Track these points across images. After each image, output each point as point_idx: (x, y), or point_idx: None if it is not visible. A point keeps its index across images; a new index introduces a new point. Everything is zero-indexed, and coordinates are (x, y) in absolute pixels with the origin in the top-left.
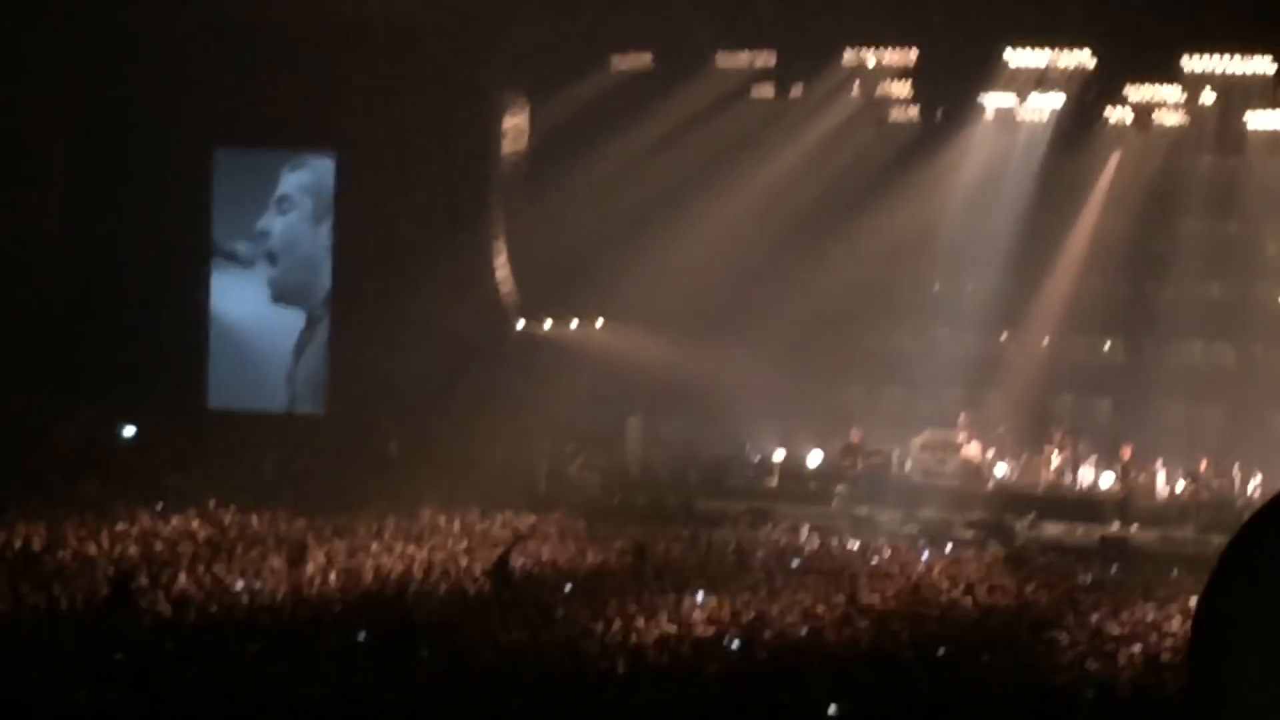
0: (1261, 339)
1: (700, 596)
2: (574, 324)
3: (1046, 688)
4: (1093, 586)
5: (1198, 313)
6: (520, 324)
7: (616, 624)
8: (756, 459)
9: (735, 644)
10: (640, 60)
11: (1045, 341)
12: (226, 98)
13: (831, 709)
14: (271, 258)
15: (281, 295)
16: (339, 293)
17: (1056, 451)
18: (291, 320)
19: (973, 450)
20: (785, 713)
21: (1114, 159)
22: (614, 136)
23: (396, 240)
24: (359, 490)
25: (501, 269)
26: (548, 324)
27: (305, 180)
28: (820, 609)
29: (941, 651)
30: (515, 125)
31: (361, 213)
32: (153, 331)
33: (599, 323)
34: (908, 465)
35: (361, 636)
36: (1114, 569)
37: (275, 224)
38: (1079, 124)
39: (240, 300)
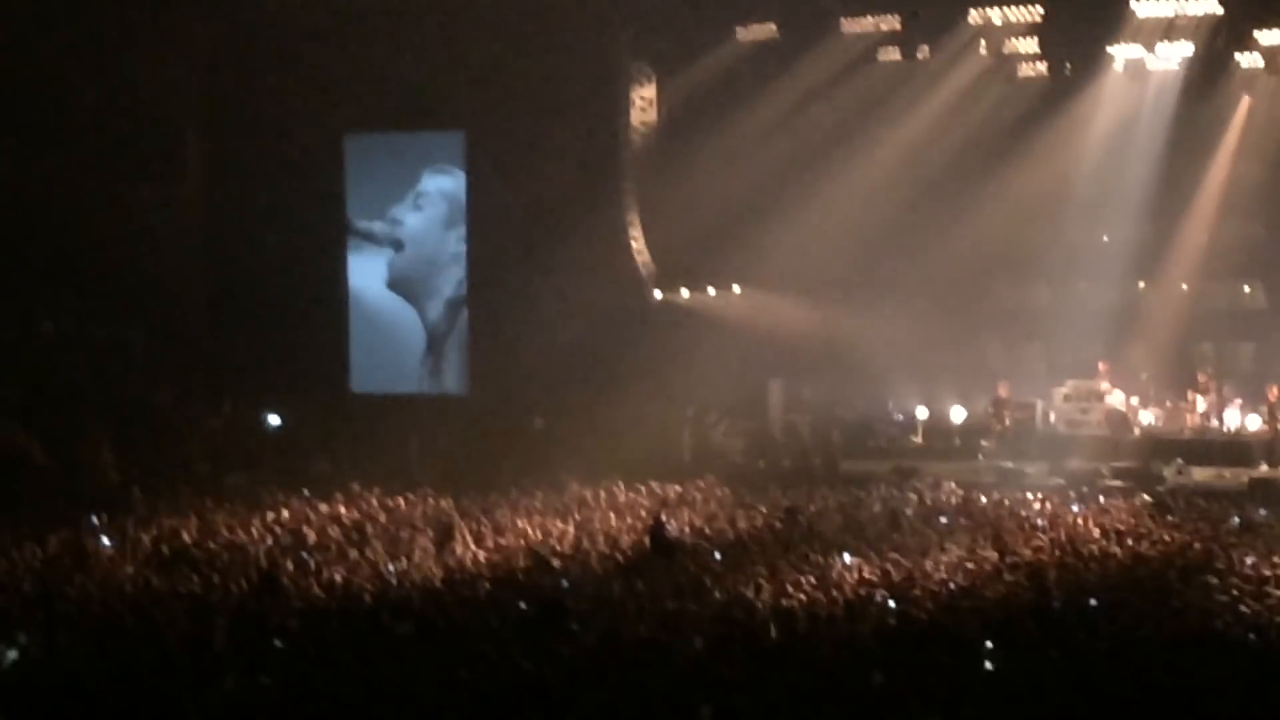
0: None
1: (849, 558)
2: (711, 292)
3: (1202, 633)
4: (1243, 529)
5: None
6: (658, 295)
7: (768, 589)
8: (899, 417)
9: (889, 603)
10: (765, 30)
11: (1184, 289)
12: (355, 83)
13: (986, 664)
14: (399, 245)
15: (395, 284)
16: (474, 291)
17: (1201, 396)
18: (428, 301)
19: (1116, 398)
20: (940, 669)
21: (1245, 103)
22: (743, 106)
23: (529, 217)
24: (504, 468)
25: (637, 241)
26: (685, 294)
27: (445, 185)
28: (970, 564)
29: (1094, 602)
30: (644, 97)
31: (492, 189)
32: (292, 319)
33: (736, 290)
34: (1051, 417)
35: (514, 613)
36: (1264, 511)
37: (409, 217)
38: (1209, 71)
39: (379, 281)
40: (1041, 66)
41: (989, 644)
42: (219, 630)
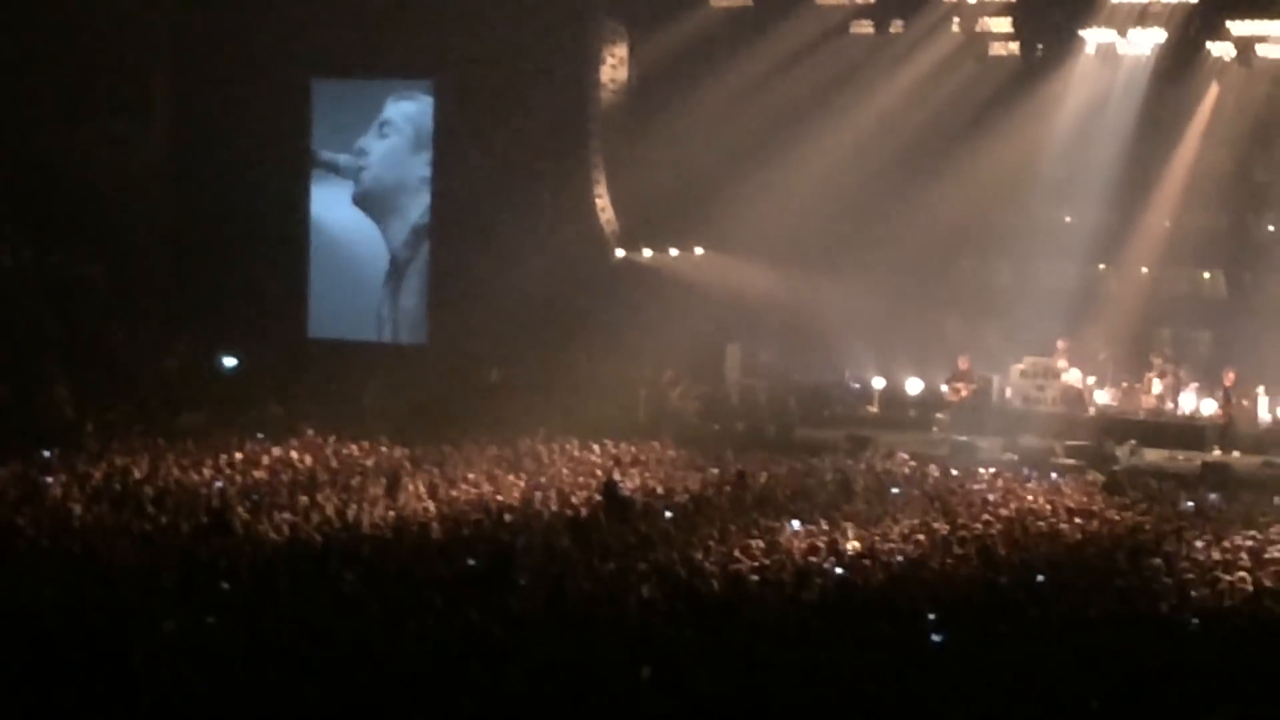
0: None
1: (799, 524)
2: (673, 253)
3: (1149, 615)
4: (1195, 513)
5: None
6: (620, 253)
7: (716, 552)
8: (856, 386)
9: (836, 571)
10: None
11: (1145, 273)
12: (323, 27)
13: (935, 637)
14: (365, 173)
15: (360, 201)
16: (437, 221)
17: (1157, 377)
18: (387, 248)
19: (1073, 376)
20: (885, 640)
21: (1213, 92)
22: (714, 72)
23: (495, 169)
24: (459, 419)
25: (601, 198)
26: (647, 253)
27: (409, 110)
28: (920, 536)
29: (1042, 578)
30: (615, 55)
31: (460, 141)
32: (252, 261)
33: (698, 252)
34: (1007, 392)
35: (462, 566)
36: (1215, 496)
37: (375, 145)
38: (1180, 59)
39: (340, 223)
40: (1013, 46)
41: (934, 616)
42: (167, 569)
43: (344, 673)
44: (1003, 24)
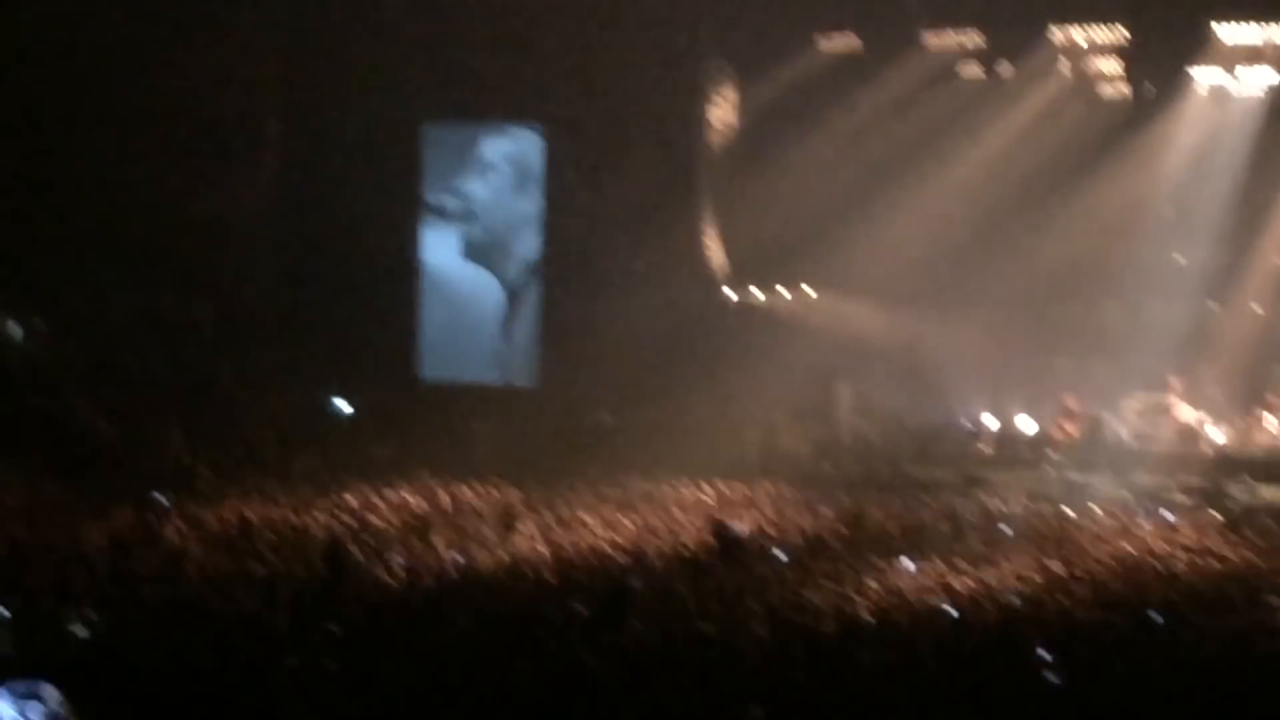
0: None
1: (913, 565)
2: (783, 293)
3: (1266, 655)
4: None
5: None
6: (730, 294)
7: (830, 592)
8: (968, 426)
9: (950, 611)
10: (847, 40)
11: (1257, 311)
12: (432, 71)
13: (1049, 677)
14: (470, 217)
15: (472, 252)
16: (548, 262)
17: (1271, 413)
18: (499, 291)
19: (1185, 413)
20: (1000, 680)
21: None
22: (823, 115)
23: (605, 212)
24: (570, 461)
25: (710, 239)
26: (757, 294)
27: (508, 149)
28: (1033, 576)
29: (1158, 618)
30: (725, 98)
31: (570, 185)
32: (363, 304)
33: (808, 291)
34: (1120, 430)
35: (575, 607)
36: None
37: (478, 189)
38: None
39: (449, 264)
40: (1123, 87)
41: (1049, 656)
42: (282, 614)
43: (457, 716)
44: (1112, 65)
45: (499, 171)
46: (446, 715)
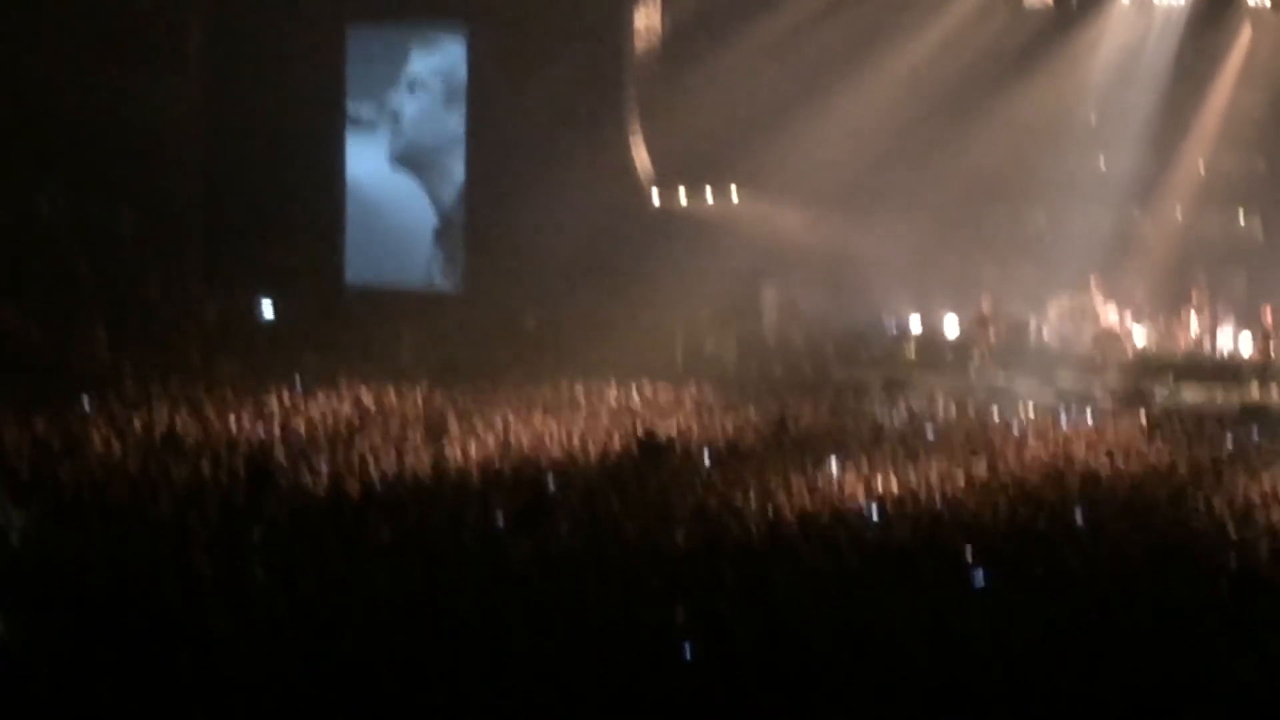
0: None
1: (838, 467)
2: (709, 197)
3: (1188, 555)
4: (1233, 453)
5: None
6: (655, 198)
7: (755, 494)
8: (893, 329)
9: (873, 514)
10: None
11: (1179, 217)
12: None
13: (969, 578)
14: (395, 121)
15: (398, 157)
16: (474, 172)
17: (1195, 313)
18: (424, 195)
19: (1109, 316)
20: (924, 582)
21: (1246, 33)
22: (749, 20)
23: (531, 118)
24: (497, 365)
25: (637, 145)
26: (683, 197)
27: (437, 63)
28: (957, 478)
29: (1081, 519)
30: (650, 3)
31: (494, 91)
32: (289, 209)
33: (734, 195)
34: (1044, 332)
35: (501, 511)
36: (1255, 435)
37: (406, 105)
38: (1215, 4)
39: (376, 173)
40: None
41: (972, 558)
42: (207, 520)
43: (383, 619)
44: None
45: (424, 76)
46: (371, 618)
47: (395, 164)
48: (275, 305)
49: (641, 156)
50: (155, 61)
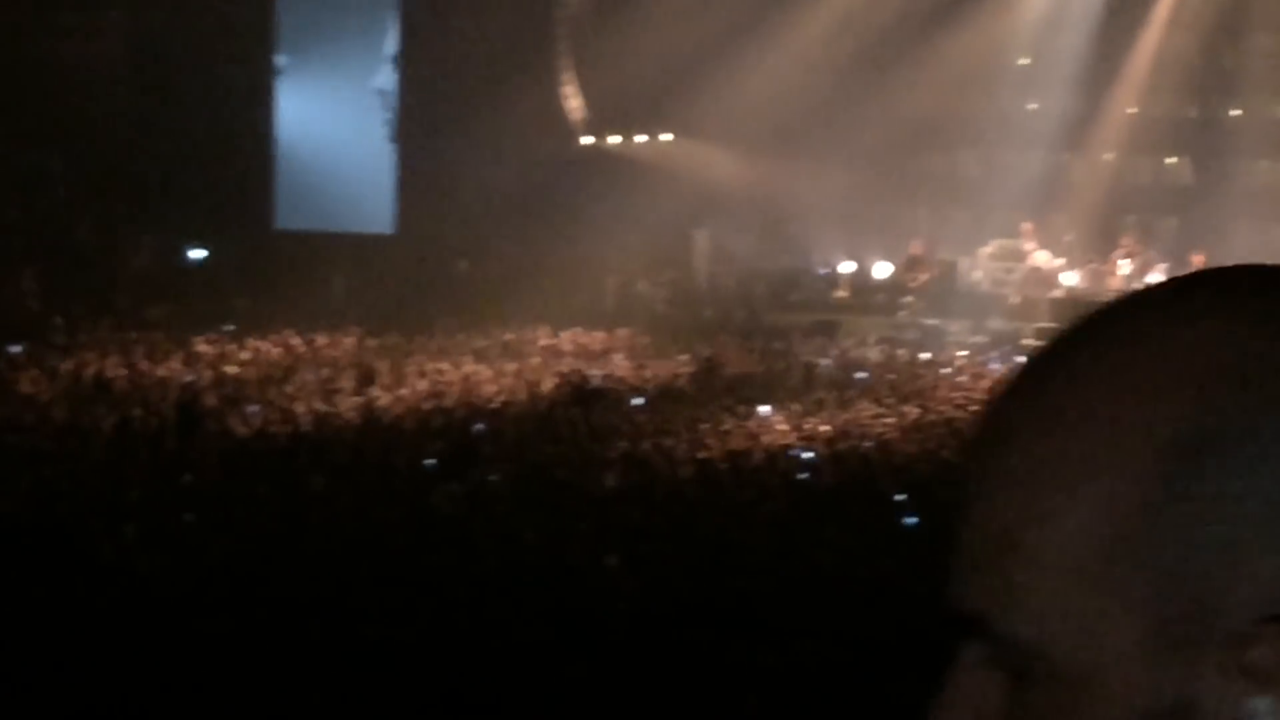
0: None
1: (769, 410)
2: (640, 140)
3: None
4: None
5: (1268, 131)
6: (585, 141)
7: (685, 438)
8: (824, 272)
9: (803, 456)
10: None
11: (1109, 161)
12: None
13: (908, 519)
14: (325, 63)
15: (327, 100)
16: (406, 116)
17: (1126, 258)
18: (355, 139)
19: (1040, 258)
20: (857, 524)
21: None
22: None
23: (461, 63)
24: (429, 310)
25: (568, 89)
26: (614, 140)
27: (366, 8)
28: (890, 420)
29: None
30: None
31: (426, 38)
32: (217, 154)
33: (665, 138)
34: (975, 275)
35: (430, 455)
36: None
37: (335, 49)
38: None
39: (305, 118)
40: None
41: (905, 498)
42: (137, 465)
43: (313, 565)
44: None
45: (353, 21)
46: (301, 564)
47: (324, 109)
48: (205, 251)
49: (573, 100)
50: (80, 6)
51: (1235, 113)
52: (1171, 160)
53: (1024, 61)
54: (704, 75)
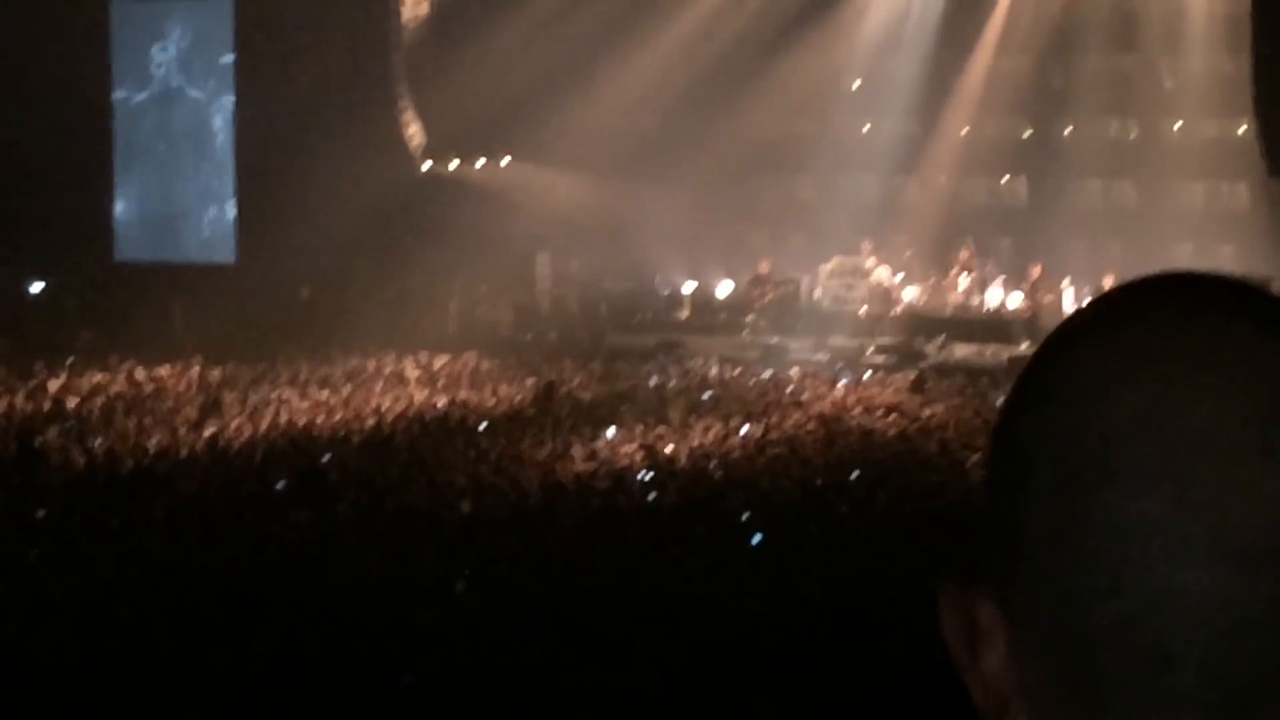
0: (1164, 174)
1: (613, 432)
2: (480, 164)
3: (961, 508)
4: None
5: (1099, 150)
6: (426, 166)
7: (532, 461)
8: (666, 292)
9: (648, 477)
10: None
11: (943, 182)
12: None
13: (754, 539)
14: (165, 95)
15: (167, 131)
16: (245, 143)
17: (964, 272)
18: (194, 169)
19: (881, 275)
20: (703, 544)
21: (1007, 1)
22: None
23: (298, 93)
24: (271, 338)
25: (408, 118)
26: (453, 165)
27: (203, 35)
28: (734, 439)
29: (855, 476)
30: None
31: (262, 64)
32: (58, 187)
33: (505, 161)
34: (816, 293)
35: (276, 484)
36: None
37: (172, 77)
38: None
39: (144, 147)
40: None
41: (749, 518)
42: None
43: (160, 595)
44: None
45: (190, 48)
46: (149, 596)
47: (163, 137)
48: (45, 282)
49: (412, 128)
50: None
51: (1067, 131)
52: (1005, 179)
53: (858, 84)
54: (545, 104)
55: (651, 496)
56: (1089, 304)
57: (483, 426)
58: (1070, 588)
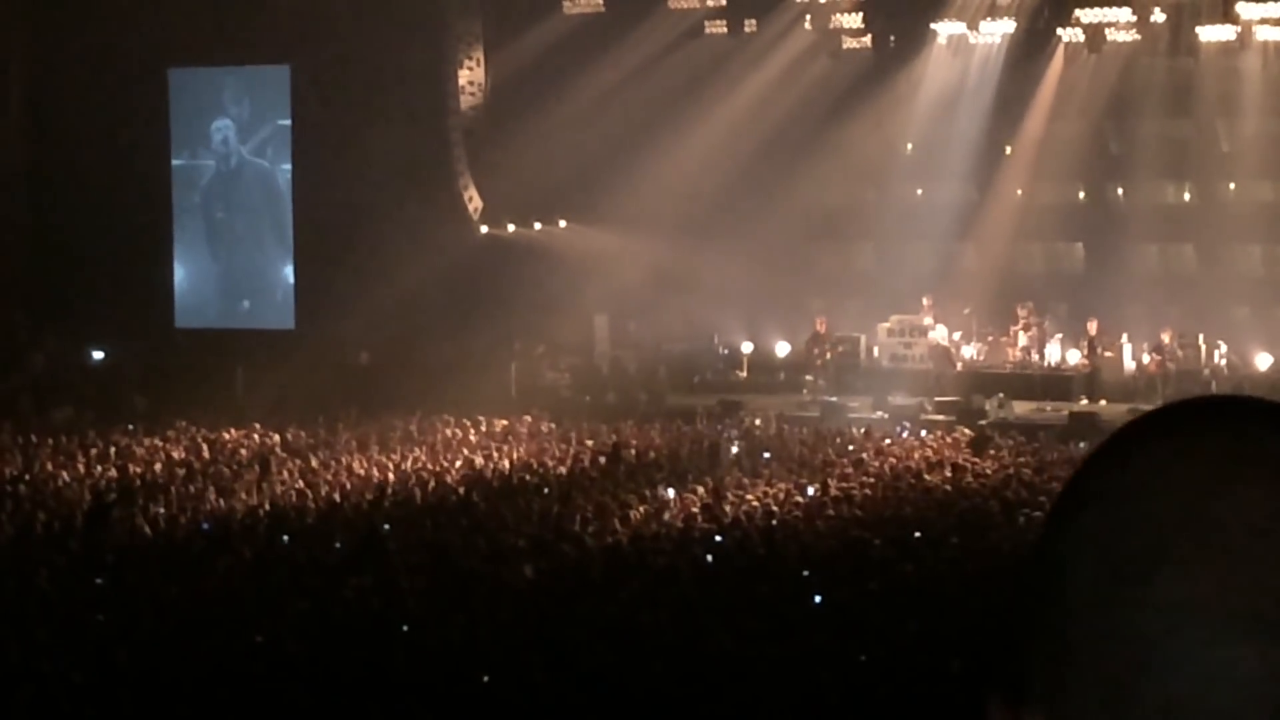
0: (1221, 238)
1: (674, 492)
2: (537, 227)
3: (1021, 565)
4: (1063, 463)
5: (1155, 215)
6: (484, 230)
7: (594, 524)
8: (724, 352)
9: (713, 537)
10: (592, 3)
11: (1001, 248)
12: (179, 15)
13: (816, 598)
14: (225, 164)
15: (227, 198)
16: (302, 209)
17: (1022, 330)
18: (253, 235)
19: (939, 333)
20: (764, 602)
21: (1063, 67)
22: (573, 72)
23: (359, 161)
24: (331, 403)
25: (467, 188)
26: (511, 228)
27: (262, 106)
28: (795, 499)
29: (917, 535)
30: (473, 59)
31: (321, 133)
32: (116, 254)
33: (561, 224)
34: (875, 351)
35: (338, 548)
36: (1084, 445)
37: (233, 146)
38: (1032, 44)
39: (205, 215)
40: (866, 40)
41: (810, 576)
42: (42, 567)
43: (225, 660)
44: (854, 20)
45: (249, 118)
46: (212, 659)
47: (221, 204)
48: (106, 350)
49: (472, 197)
50: None
51: (1122, 195)
52: (1062, 245)
53: (911, 149)
54: (604, 167)
55: (713, 557)
56: (1129, 422)
57: (545, 490)
58: (1118, 675)
